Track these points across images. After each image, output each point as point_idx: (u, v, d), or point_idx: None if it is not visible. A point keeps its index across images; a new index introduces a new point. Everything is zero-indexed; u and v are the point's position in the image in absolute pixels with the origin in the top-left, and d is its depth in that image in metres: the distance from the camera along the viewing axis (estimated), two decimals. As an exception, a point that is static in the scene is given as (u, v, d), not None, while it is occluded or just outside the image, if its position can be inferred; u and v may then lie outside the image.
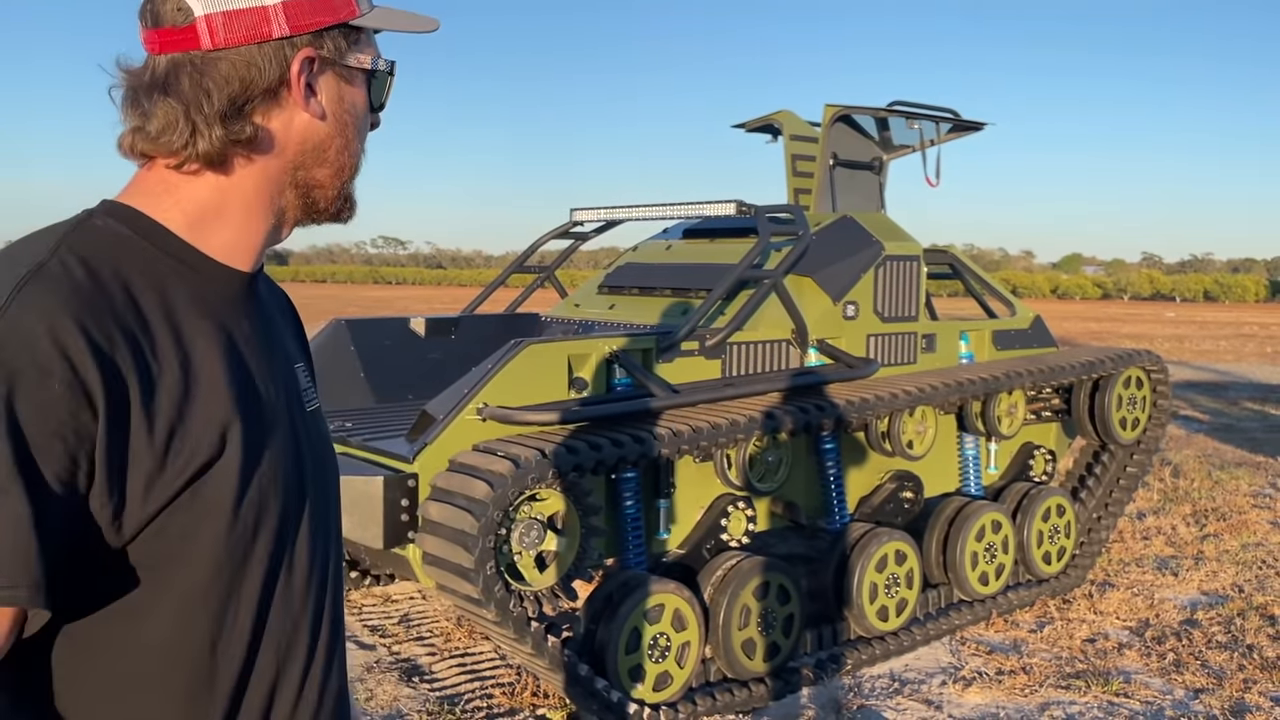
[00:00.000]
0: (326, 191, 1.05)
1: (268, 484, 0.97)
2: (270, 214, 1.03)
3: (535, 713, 3.73)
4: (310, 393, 1.11)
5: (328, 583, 1.08)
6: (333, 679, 1.08)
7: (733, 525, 3.91)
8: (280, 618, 1.01)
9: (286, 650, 1.02)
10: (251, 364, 0.99)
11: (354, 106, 1.05)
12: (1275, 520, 6.60)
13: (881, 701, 3.91)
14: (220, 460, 0.91)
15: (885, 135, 5.22)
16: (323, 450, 1.10)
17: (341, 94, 1.03)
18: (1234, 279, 59.51)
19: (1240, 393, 13.23)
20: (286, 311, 1.18)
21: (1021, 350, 5.20)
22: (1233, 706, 3.85)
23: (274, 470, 0.98)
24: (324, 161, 1.03)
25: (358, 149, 1.06)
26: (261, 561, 0.98)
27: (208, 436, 0.91)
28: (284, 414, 1.02)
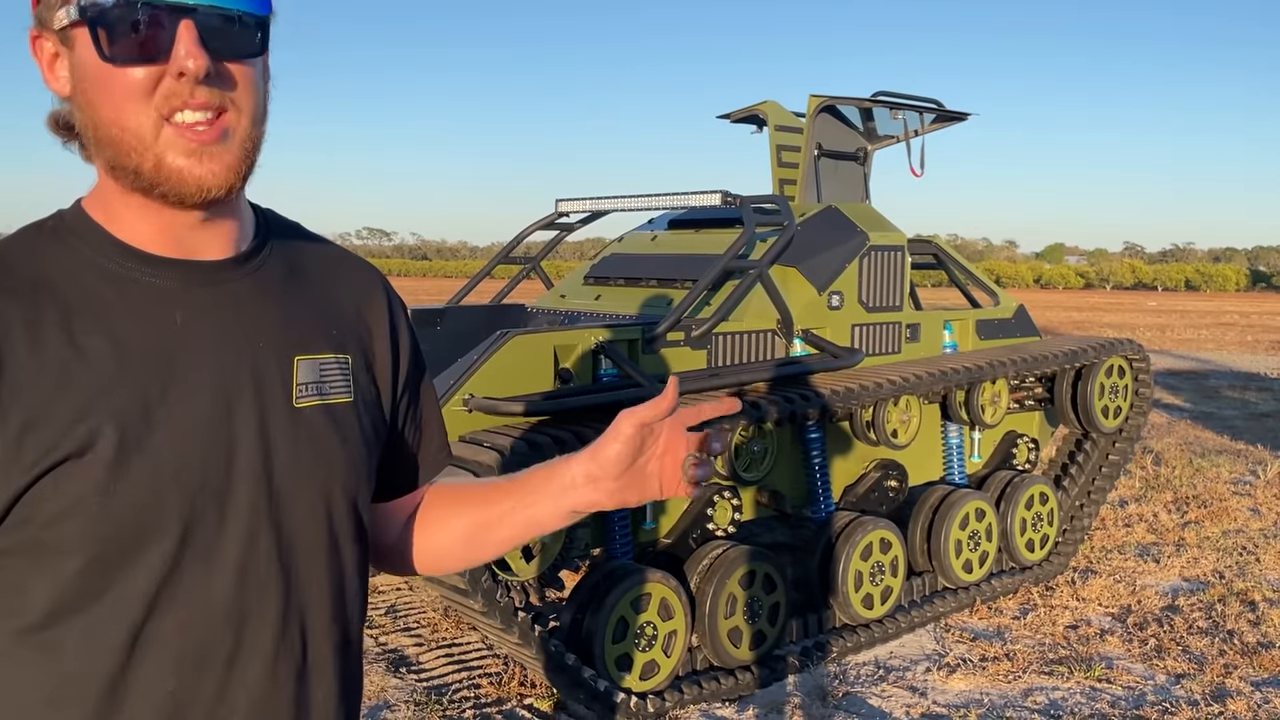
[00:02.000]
0: (123, 172, 0.92)
1: (162, 483, 0.91)
2: (134, 202, 0.95)
3: (523, 702, 3.74)
4: (314, 388, 1.03)
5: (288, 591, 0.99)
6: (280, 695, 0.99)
7: (719, 515, 3.93)
8: (181, 626, 0.94)
9: (194, 662, 0.95)
10: (164, 358, 0.93)
11: (80, 72, 0.91)
12: (1255, 507, 6.67)
13: (867, 689, 3.94)
14: (87, 455, 0.88)
15: (870, 126, 5.23)
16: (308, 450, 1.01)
17: (72, 64, 0.92)
18: (1215, 268, 59.91)
19: (1221, 381, 13.34)
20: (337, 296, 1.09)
21: (1005, 340, 5.23)
22: (1213, 691, 3.90)
23: (174, 470, 0.92)
24: (98, 143, 0.92)
25: (110, 116, 0.90)
26: (154, 562, 0.91)
27: (74, 431, 0.88)
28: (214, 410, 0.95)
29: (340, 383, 1.05)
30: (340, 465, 1.04)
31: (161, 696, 0.94)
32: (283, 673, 1.00)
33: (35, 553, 0.90)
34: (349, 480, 1.05)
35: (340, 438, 1.04)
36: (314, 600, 1.02)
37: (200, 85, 0.90)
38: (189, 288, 0.97)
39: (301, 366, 1.02)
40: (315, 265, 1.10)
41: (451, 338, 4.61)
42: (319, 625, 1.03)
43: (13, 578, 0.91)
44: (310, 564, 1.02)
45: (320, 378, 1.03)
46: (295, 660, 1.01)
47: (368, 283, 1.14)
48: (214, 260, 0.99)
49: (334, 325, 1.07)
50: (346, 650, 1.08)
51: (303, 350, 1.02)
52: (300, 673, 1.02)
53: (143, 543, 0.92)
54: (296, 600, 1.01)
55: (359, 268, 1.15)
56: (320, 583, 1.03)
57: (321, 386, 1.03)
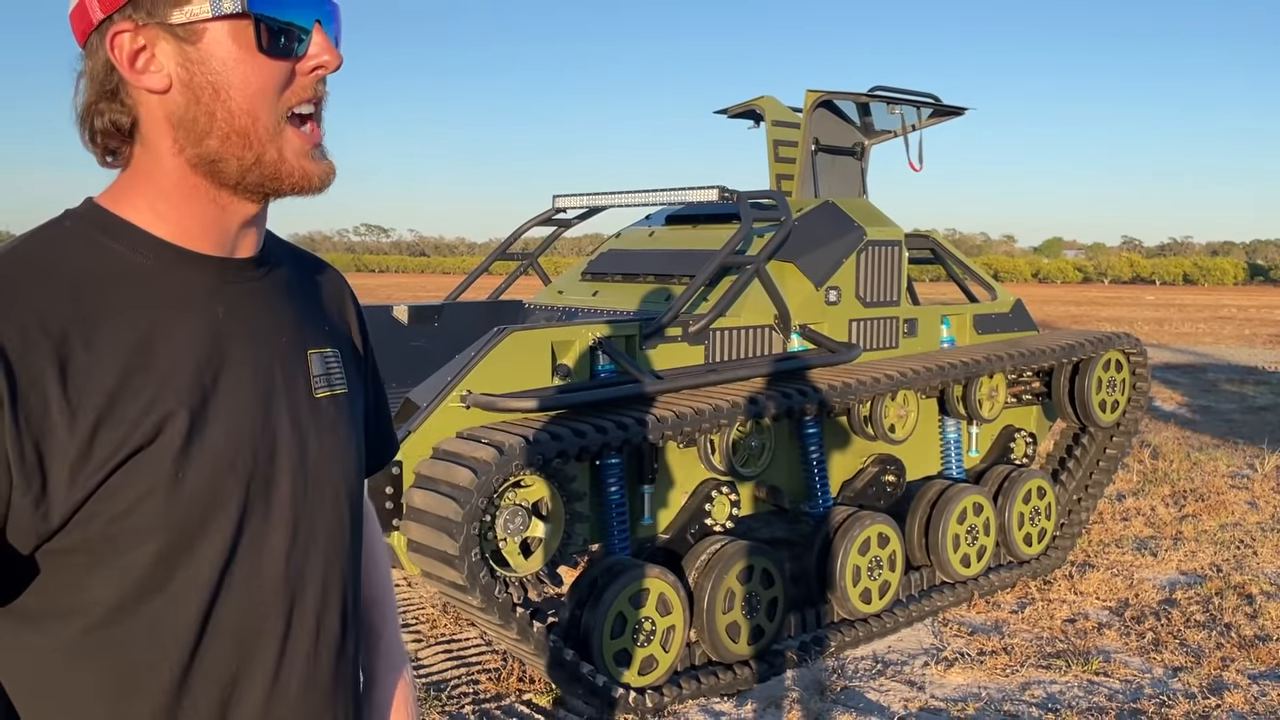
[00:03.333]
0: (231, 163, 0.95)
1: (221, 471, 0.95)
2: (197, 197, 0.98)
3: (521, 698, 3.75)
4: (325, 380, 1.08)
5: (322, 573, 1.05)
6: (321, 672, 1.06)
7: (716, 510, 3.93)
8: (241, 610, 0.98)
9: (252, 644, 0.99)
10: (214, 350, 0.97)
11: (207, 64, 0.93)
12: (1252, 501, 6.68)
13: (865, 683, 3.94)
14: (153, 445, 0.90)
15: (867, 121, 5.23)
16: (329, 439, 1.07)
17: (186, 57, 0.93)
18: (1213, 262, 59.94)
19: (1218, 375, 13.35)
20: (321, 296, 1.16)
21: (1002, 334, 5.23)
22: (1211, 684, 3.90)
23: (231, 458, 0.95)
24: (204, 134, 0.94)
25: (244, 106, 0.94)
26: (214, 549, 0.95)
27: (142, 423, 0.90)
28: (258, 402, 0.99)
29: (338, 375, 1.11)
30: (350, 452, 1.10)
31: (226, 679, 0.98)
32: (323, 650, 1.06)
33: (100, 549, 0.91)
34: (357, 466, 1.12)
35: (348, 427, 1.11)
36: (340, 581, 1.09)
37: (321, 84, 0.99)
38: (224, 284, 1.01)
39: (314, 360, 1.08)
40: (302, 268, 1.17)
41: (449, 334, 4.62)
42: (346, 604, 1.10)
43: (72, 577, 0.92)
44: (335, 547, 1.08)
45: (327, 370, 1.09)
46: (333, 638, 1.08)
47: (339, 284, 1.22)
48: (243, 259, 1.04)
49: (325, 322, 1.14)
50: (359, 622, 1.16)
51: (313, 345, 1.09)
52: (337, 649, 1.09)
53: (205, 530, 0.95)
54: (329, 581, 1.07)
55: (330, 270, 1.23)
56: (343, 564, 1.09)
57: (330, 378, 1.09)
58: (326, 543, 1.07)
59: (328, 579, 1.07)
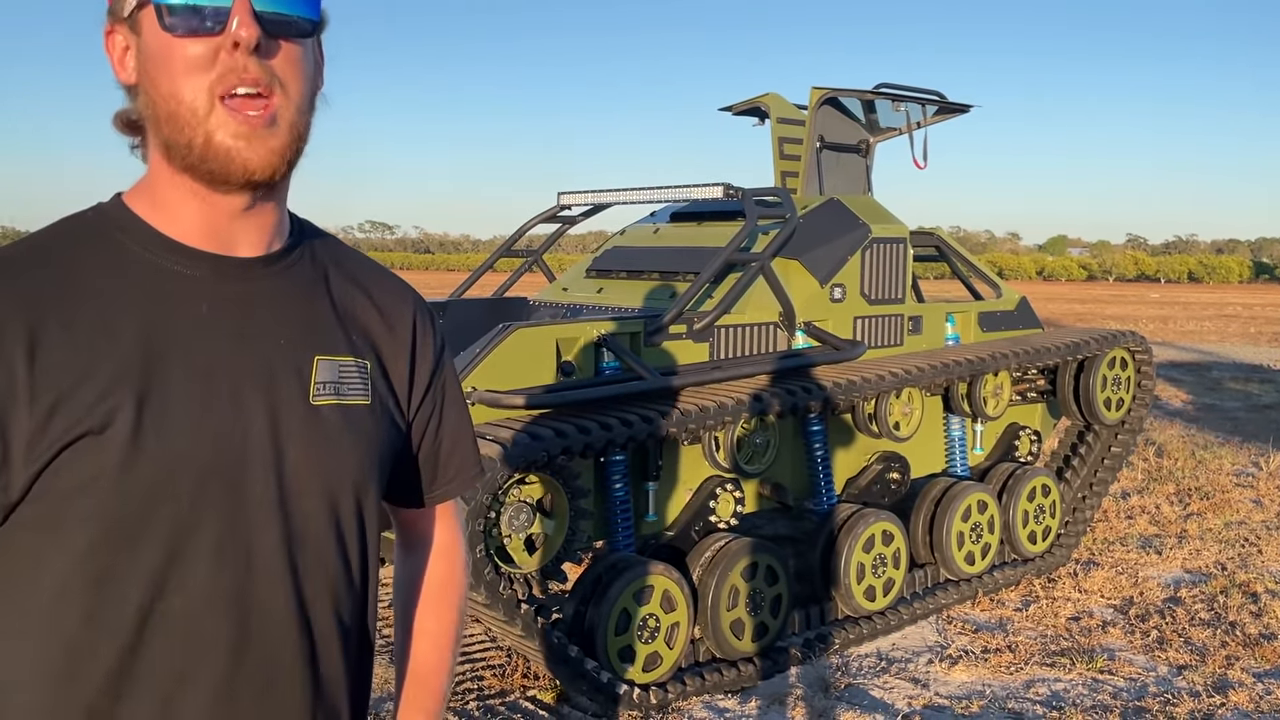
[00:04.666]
0: (176, 150, 0.96)
1: (174, 467, 0.94)
2: (180, 189, 0.99)
3: (525, 694, 3.75)
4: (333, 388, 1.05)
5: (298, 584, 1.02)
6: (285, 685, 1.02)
7: (721, 507, 3.94)
8: (191, 610, 0.96)
9: (202, 647, 0.97)
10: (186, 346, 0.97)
11: (144, 53, 0.96)
12: (1257, 499, 6.67)
13: (869, 680, 3.95)
14: (106, 433, 0.92)
15: (872, 118, 5.22)
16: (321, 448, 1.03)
17: (141, 47, 0.97)
18: (1218, 260, 59.81)
19: (1223, 373, 13.33)
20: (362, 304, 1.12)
21: (1007, 332, 5.23)
22: (1215, 683, 3.90)
23: (187, 455, 0.95)
24: (156, 122, 0.97)
25: (167, 90, 0.94)
26: (161, 545, 0.94)
27: (96, 409, 0.92)
28: (229, 403, 0.98)
29: (358, 385, 1.08)
30: (352, 463, 1.06)
31: (170, 678, 0.97)
32: (289, 662, 1.03)
33: (51, 528, 0.93)
34: (360, 479, 1.07)
35: (354, 437, 1.06)
36: (321, 593, 1.05)
37: (252, 60, 0.94)
38: (218, 281, 1.01)
39: (321, 366, 1.05)
40: (347, 275, 1.14)
41: (454, 331, 4.62)
42: (325, 618, 1.06)
43: (29, 552, 0.94)
44: (318, 557, 1.04)
45: (338, 378, 1.06)
46: (303, 651, 1.04)
47: (398, 299, 1.17)
48: (245, 257, 1.04)
49: (355, 331, 1.11)
50: (353, 641, 1.10)
51: (323, 351, 1.06)
52: (310, 661, 1.05)
53: (153, 524, 0.95)
54: (304, 592, 1.03)
55: (391, 283, 1.19)
56: (327, 576, 1.05)
57: (339, 387, 1.06)
58: (310, 551, 1.03)
59: (307, 589, 1.03)
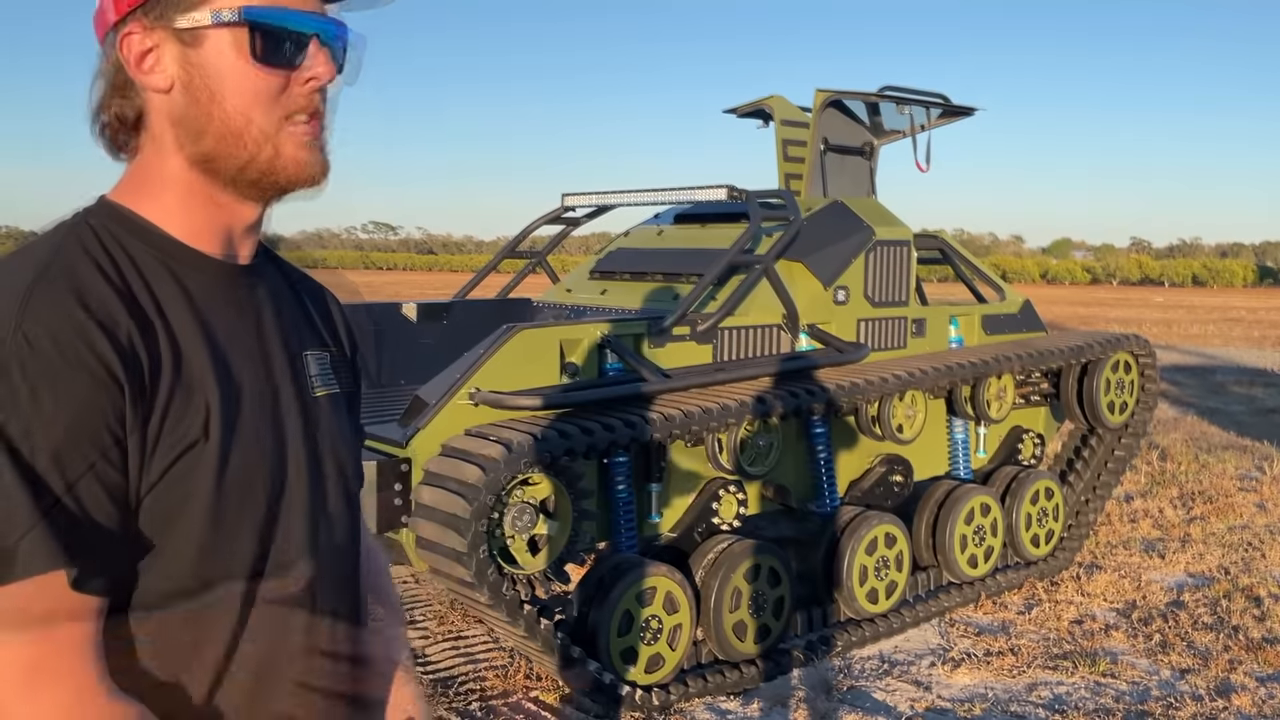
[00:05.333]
0: (226, 162, 1.00)
1: (252, 467, 0.99)
2: (199, 197, 1.02)
3: (528, 695, 3.76)
4: (321, 380, 1.13)
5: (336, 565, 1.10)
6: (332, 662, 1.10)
7: (724, 509, 3.94)
8: (275, 600, 1.03)
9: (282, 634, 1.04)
10: (232, 350, 1.02)
11: (205, 68, 0.98)
12: (1261, 503, 6.66)
13: (871, 682, 3.95)
14: (204, 443, 0.95)
15: (876, 120, 5.23)
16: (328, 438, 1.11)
17: (188, 60, 0.99)
18: (1222, 264, 59.72)
19: (1227, 376, 13.31)
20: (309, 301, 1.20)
21: (1011, 335, 5.23)
22: (1218, 686, 3.90)
23: (258, 454, 1.01)
24: (202, 133, 0.99)
25: (237, 108, 0.98)
26: (251, 541, 1.00)
27: (195, 420, 0.95)
28: (268, 401, 1.04)
29: (332, 375, 1.16)
30: (346, 448, 1.15)
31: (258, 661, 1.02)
32: (336, 640, 1.10)
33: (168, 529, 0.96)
34: (354, 463, 1.17)
35: (342, 424, 1.16)
36: (349, 573, 1.14)
37: (317, 94, 1.03)
38: (232, 286, 1.05)
39: (310, 360, 1.13)
40: (288, 275, 1.21)
41: (457, 332, 4.63)
42: (352, 594, 1.15)
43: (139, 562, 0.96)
44: (345, 540, 1.13)
45: (321, 370, 1.14)
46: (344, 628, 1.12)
47: (322, 290, 1.26)
48: (243, 265, 1.08)
49: (315, 325, 1.19)
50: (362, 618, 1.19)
51: (308, 346, 1.14)
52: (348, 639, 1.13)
53: (244, 520, 0.99)
54: (340, 572, 1.12)
55: (311, 278, 1.27)
56: (351, 555, 1.15)
57: (325, 378, 1.14)
58: (339, 535, 1.12)
59: (340, 571, 1.12)
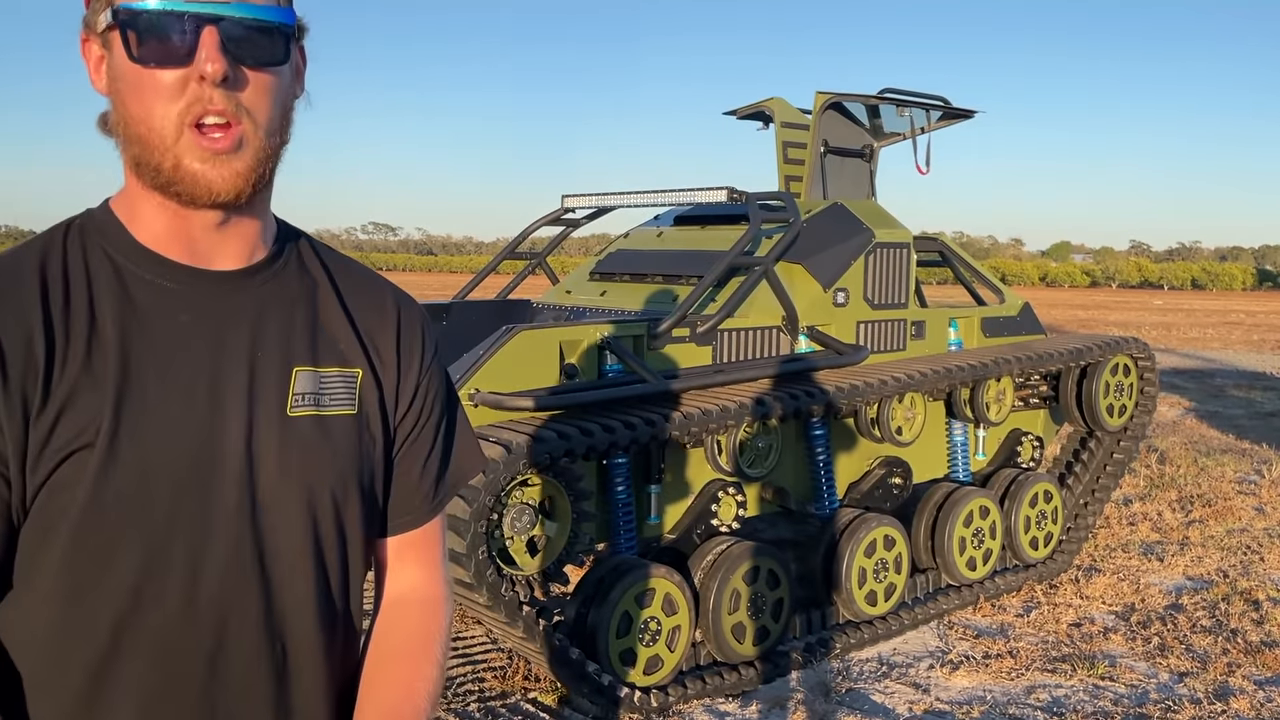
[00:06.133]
0: (146, 168, 0.97)
1: (150, 478, 0.94)
2: (149, 201, 0.99)
3: (527, 696, 3.75)
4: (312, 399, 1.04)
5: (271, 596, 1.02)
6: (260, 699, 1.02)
7: (723, 510, 3.94)
8: (165, 623, 0.96)
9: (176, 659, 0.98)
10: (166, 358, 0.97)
11: (114, 71, 0.96)
12: (1260, 506, 6.66)
13: (870, 684, 3.95)
14: (91, 449, 0.92)
15: (876, 123, 5.23)
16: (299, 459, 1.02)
17: (110, 64, 0.97)
18: (1221, 267, 59.73)
19: (1226, 380, 13.31)
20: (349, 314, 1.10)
21: (1010, 337, 5.23)
22: (1216, 689, 3.90)
23: (162, 466, 0.95)
24: (124, 139, 0.97)
25: (137, 114, 0.95)
26: (136, 556, 0.95)
27: (90, 424, 0.93)
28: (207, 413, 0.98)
29: (343, 396, 1.07)
30: (330, 474, 1.05)
31: (145, 689, 0.97)
32: (263, 672, 1.02)
33: (39, 541, 0.94)
34: (339, 490, 1.06)
35: (334, 448, 1.05)
36: (297, 604, 1.04)
37: (219, 91, 0.94)
38: (196, 292, 1.01)
39: (300, 377, 1.04)
40: (336, 282, 1.12)
41: (457, 333, 4.62)
42: (302, 628, 1.05)
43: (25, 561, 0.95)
44: (293, 568, 1.03)
45: (319, 389, 1.05)
46: (275, 660, 1.03)
47: (380, 301, 1.15)
48: (225, 270, 1.03)
49: (345, 339, 1.09)
50: (336, 653, 1.09)
51: (302, 361, 1.05)
52: (280, 673, 1.04)
53: (128, 536, 0.95)
54: (278, 602, 1.02)
55: (383, 291, 1.16)
56: (304, 587, 1.04)
57: (319, 398, 1.05)
58: (284, 561, 1.02)
59: (281, 600, 1.02)
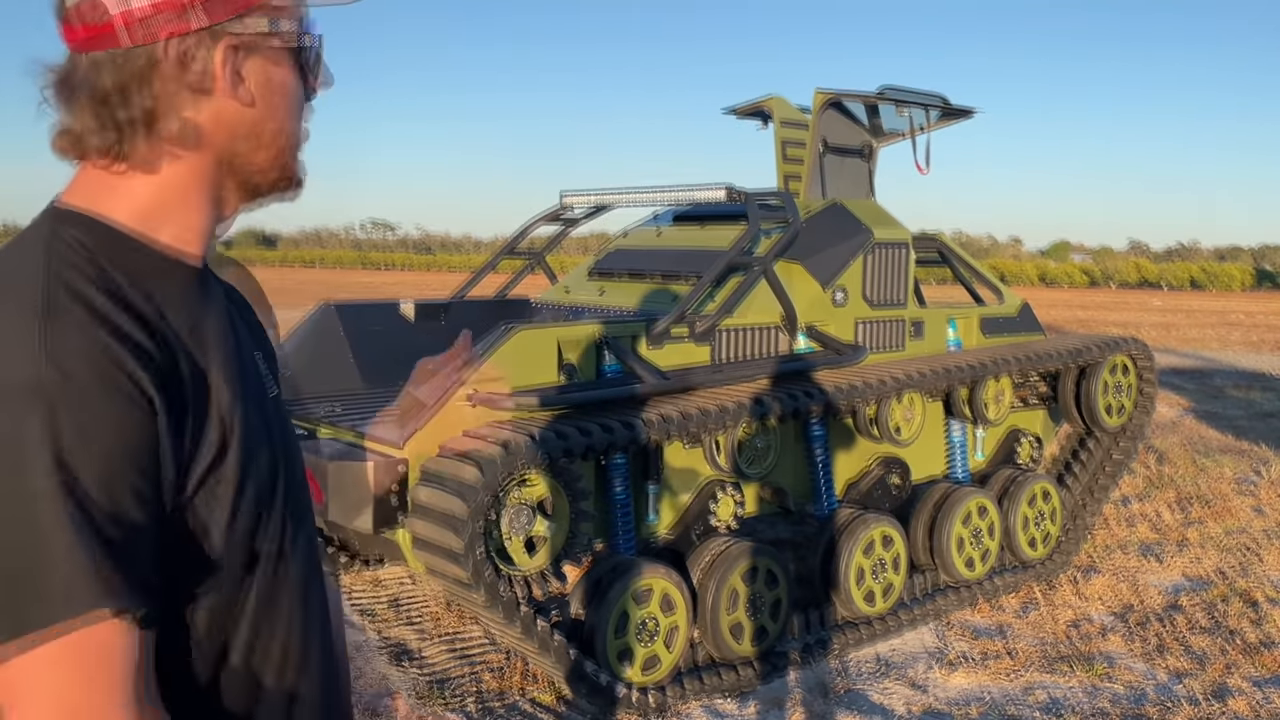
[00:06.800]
0: (266, 174, 1.04)
1: (264, 476, 0.99)
2: (210, 203, 1.02)
3: (524, 695, 3.75)
4: (271, 379, 1.13)
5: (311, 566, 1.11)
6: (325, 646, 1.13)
7: (721, 510, 3.94)
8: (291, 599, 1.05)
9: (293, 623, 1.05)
10: (224, 357, 1.00)
11: (283, 87, 1.02)
12: (1258, 506, 6.66)
13: (868, 684, 3.94)
14: (227, 454, 0.94)
15: (875, 122, 5.22)
16: (289, 437, 1.12)
17: (269, 76, 1.01)
18: (1220, 267, 59.74)
19: (1225, 380, 13.31)
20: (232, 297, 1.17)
21: (1009, 337, 5.23)
22: (1214, 690, 3.90)
23: (265, 462, 1.00)
24: (260, 146, 1.01)
25: (293, 128, 1.04)
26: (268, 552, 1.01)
27: (214, 433, 0.93)
28: (255, 404, 1.03)
29: (271, 376, 1.15)
30: (299, 450, 1.15)
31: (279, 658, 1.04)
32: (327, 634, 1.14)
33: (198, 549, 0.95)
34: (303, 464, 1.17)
35: (291, 425, 1.16)
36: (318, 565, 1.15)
37: None
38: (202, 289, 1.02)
39: (259, 359, 1.12)
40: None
41: (455, 331, 4.59)
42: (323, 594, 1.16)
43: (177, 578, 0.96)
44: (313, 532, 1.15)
45: (269, 370, 1.14)
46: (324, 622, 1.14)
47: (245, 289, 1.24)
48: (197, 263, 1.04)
49: (245, 319, 1.17)
50: None
51: (255, 347, 1.13)
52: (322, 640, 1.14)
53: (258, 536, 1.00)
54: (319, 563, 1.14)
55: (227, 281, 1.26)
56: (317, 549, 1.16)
57: (269, 379, 1.14)
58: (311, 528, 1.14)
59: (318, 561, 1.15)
